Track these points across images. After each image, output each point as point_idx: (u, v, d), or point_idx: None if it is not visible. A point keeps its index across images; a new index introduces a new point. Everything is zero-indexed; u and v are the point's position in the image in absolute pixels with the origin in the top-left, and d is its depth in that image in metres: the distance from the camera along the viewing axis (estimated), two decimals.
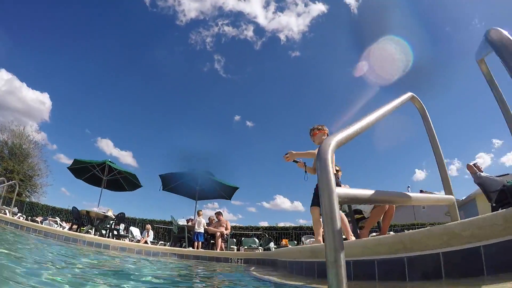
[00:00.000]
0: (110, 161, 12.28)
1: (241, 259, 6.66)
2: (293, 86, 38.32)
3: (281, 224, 20.43)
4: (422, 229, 1.92)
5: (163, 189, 12.80)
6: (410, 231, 2.08)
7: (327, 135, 4.21)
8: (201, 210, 11.25)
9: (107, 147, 34.72)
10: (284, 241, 14.40)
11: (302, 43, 35.50)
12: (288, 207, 36.34)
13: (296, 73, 37.36)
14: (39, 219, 14.74)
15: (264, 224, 20.35)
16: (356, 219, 5.12)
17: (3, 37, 31.33)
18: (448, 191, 2.21)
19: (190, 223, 11.52)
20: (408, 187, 25.62)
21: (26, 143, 27.92)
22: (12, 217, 9.70)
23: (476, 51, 2.14)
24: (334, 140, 1.22)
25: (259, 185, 37.93)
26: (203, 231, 10.67)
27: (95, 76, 37.96)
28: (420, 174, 35.72)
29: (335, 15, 35.56)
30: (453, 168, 36.28)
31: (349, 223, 5.52)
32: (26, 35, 34.39)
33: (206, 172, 12.41)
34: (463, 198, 24.65)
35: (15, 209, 13.07)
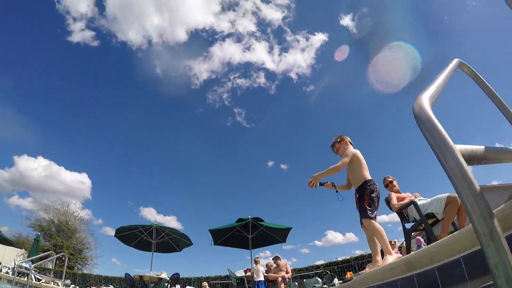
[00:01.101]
0: (156, 224, 12.11)
1: None
2: (316, 119, 38.27)
3: (341, 258, 19.15)
4: None
5: (214, 244, 12.36)
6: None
7: (350, 144, 4.11)
8: (258, 258, 10.65)
9: (151, 215, 35.13)
10: (349, 274, 13.27)
11: (314, 75, 36.04)
12: (341, 241, 34.84)
13: (315, 106, 37.32)
14: None
15: (320, 262, 19.19)
16: (430, 224, 4.53)
17: (35, 126, 34.36)
18: None
19: (248, 273, 10.90)
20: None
21: (72, 219, 28.54)
22: None
23: None
24: (426, 95, 1.08)
25: (308, 225, 37.03)
26: (263, 279, 10.01)
27: (126, 153, 39.90)
28: None
29: (337, 40, 36.12)
30: None
31: (423, 231, 4.90)
32: (58, 122, 37.25)
33: (256, 219, 11.92)
34: None
35: (68, 281, 13.05)
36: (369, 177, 3.84)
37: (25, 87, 34.38)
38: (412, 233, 5.06)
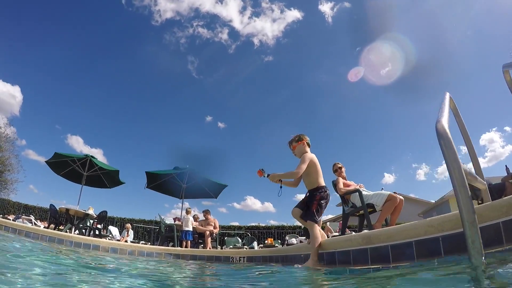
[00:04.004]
0: (92, 156, 11.64)
1: (243, 257, 6.45)
2: (265, 90, 38.71)
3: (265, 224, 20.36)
4: (487, 203, 2.20)
5: (147, 187, 12.32)
6: (480, 205, 2.13)
7: (308, 145, 4.09)
8: (190, 208, 10.91)
9: (77, 144, 33.32)
10: (269, 240, 14.34)
11: (276, 48, 35.96)
12: (259, 208, 36.69)
13: (269, 77, 37.83)
14: (11, 217, 13.66)
15: (235, 223, 20.23)
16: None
17: None
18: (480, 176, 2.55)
19: (177, 222, 11.16)
20: (382, 189, 26.36)
21: None
22: None
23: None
24: (444, 119, 1.69)
25: (230, 186, 37.72)
26: (191, 230, 10.35)
27: (67, 72, 36.40)
28: (389, 178, 36.94)
29: (310, 23, 36.28)
30: (421, 173, 37.96)
31: (360, 216, 5.61)
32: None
33: (194, 170, 12.09)
34: (436, 200, 25.83)
35: None
36: (322, 183, 3.93)
37: None
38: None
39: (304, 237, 11.57)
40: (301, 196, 4.21)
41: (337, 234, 8.89)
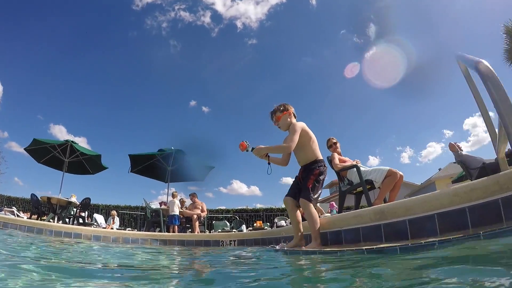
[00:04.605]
0: (72, 141, 11.02)
1: (234, 240, 6.19)
2: (249, 73, 38.10)
3: (252, 207, 20.15)
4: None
5: (131, 171, 11.86)
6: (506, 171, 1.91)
7: (294, 116, 3.53)
8: (176, 192, 10.54)
9: (61, 134, 32.03)
10: (258, 223, 14.16)
11: (259, 31, 34.86)
12: (245, 192, 36.70)
13: (253, 60, 36.90)
14: None
15: (223, 207, 20.00)
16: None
17: None
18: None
19: (163, 206, 10.78)
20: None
21: None
22: None
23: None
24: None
25: (215, 170, 37.63)
26: (178, 214, 10.00)
27: (48, 60, 34.26)
28: (374, 161, 37.36)
29: (294, 5, 35.26)
30: (405, 156, 38.48)
31: (357, 194, 5.35)
32: None
33: (179, 151, 11.66)
34: (422, 182, 26.18)
35: None
36: (320, 156, 3.43)
37: None
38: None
39: None
40: (287, 180, 3.73)
41: (328, 214, 8.69)
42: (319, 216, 3.20)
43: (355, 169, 4.95)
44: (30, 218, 10.24)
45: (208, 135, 37.26)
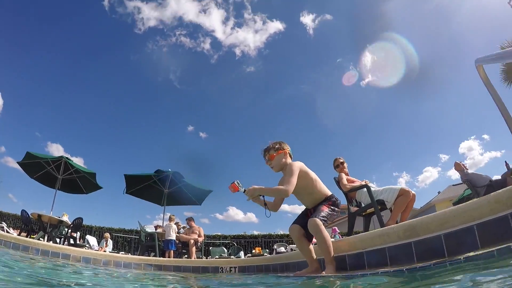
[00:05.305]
0: (67, 158, 10.72)
1: (235, 267, 5.74)
2: (246, 100, 38.88)
3: (250, 233, 19.55)
4: None
5: (126, 192, 11.46)
6: None
7: (290, 156, 3.18)
8: (173, 215, 10.12)
9: (58, 152, 31.63)
10: (257, 249, 13.59)
11: (257, 59, 35.88)
12: (241, 219, 36.28)
13: (250, 87, 37.65)
14: None
15: (218, 233, 19.39)
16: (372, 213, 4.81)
17: None
18: None
19: (159, 230, 10.34)
20: None
21: None
22: None
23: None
24: None
25: (211, 196, 37.31)
26: (174, 238, 9.56)
27: (48, 78, 35.14)
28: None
29: (291, 34, 36.33)
30: (402, 181, 38.37)
31: (366, 216, 4.98)
32: None
33: (177, 174, 11.32)
34: (422, 206, 25.76)
35: None
36: (329, 192, 3.10)
37: None
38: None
39: (295, 245, 10.88)
40: (284, 207, 3.37)
41: (332, 239, 8.27)
42: None
43: (365, 189, 4.65)
44: (19, 235, 9.76)
45: (205, 160, 37.27)
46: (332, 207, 2.93)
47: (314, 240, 2.92)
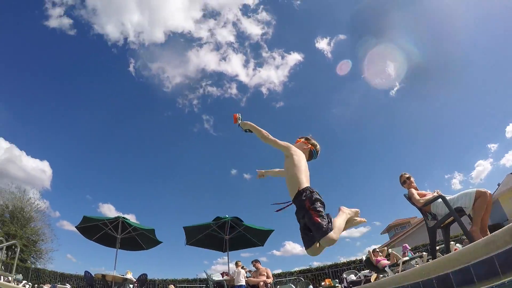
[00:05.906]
0: (124, 217, 10.92)
1: None
2: (282, 135, 39.20)
3: (316, 264, 18.74)
4: None
5: (187, 243, 11.47)
6: None
7: (310, 154, 3.18)
8: (239, 261, 9.91)
9: (109, 212, 33.67)
10: (327, 281, 12.93)
11: (284, 93, 37.59)
12: (299, 252, 35.27)
13: (284, 122, 38.48)
14: (46, 286, 13.19)
15: (279, 271, 18.83)
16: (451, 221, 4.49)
17: (1, 108, 32.20)
18: None
19: (226, 277, 10.16)
20: None
21: (28, 206, 26.41)
22: (16, 285, 8.39)
23: None
24: None
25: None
26: (244, 284, 9.30)
27: (91, 144, 38.85)
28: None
29: (311, 62, 38.09)
30: (456, 182, 35.92)
31: (444, 228, 4.58)
32: (24, 106, 35.38)
33: (235, 219, 11.23)
34: None
35: (19, 276, 11.53)
36: (305, 184, 2.68)
37: None
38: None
39: (368, 270, 10.24)
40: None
41: (406, 258, 7.68)
42: (395, 264, 2.51)
43: (439, 200, 4.31)
44: None
45: (254, 200, 37.50)
46: (313, 206, 2.46)
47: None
